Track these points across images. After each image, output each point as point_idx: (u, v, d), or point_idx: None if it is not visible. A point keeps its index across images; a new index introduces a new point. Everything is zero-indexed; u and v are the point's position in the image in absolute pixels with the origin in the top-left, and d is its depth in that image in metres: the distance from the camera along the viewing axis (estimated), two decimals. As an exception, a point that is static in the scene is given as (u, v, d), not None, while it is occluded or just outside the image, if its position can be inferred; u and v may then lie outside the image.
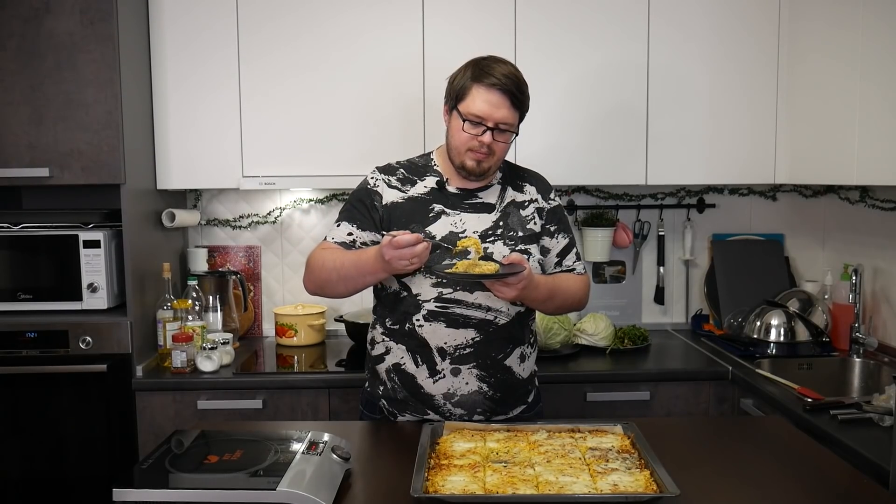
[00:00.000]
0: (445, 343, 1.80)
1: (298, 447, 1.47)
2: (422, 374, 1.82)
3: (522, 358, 1.89)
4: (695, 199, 3.06)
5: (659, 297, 3.07)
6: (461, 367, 1.81)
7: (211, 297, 2.67)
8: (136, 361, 2.43)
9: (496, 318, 1.82)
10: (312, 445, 1.48)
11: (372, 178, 1.92)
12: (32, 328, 2.40)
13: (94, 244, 2.47)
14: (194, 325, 2.50)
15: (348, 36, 2.61)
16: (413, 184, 1.89)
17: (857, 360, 2.53)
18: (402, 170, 1.92)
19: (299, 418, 2.42)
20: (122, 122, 2.38)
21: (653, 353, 2.72)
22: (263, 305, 3.03)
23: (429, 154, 1.96)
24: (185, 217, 2.76)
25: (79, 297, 2.48)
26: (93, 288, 2.48)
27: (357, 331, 2.76)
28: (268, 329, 3.02)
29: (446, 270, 1.68)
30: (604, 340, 2.72)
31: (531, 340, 1.93)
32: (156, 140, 2.63)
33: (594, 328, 2.74)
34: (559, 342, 2.65)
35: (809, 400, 2.04)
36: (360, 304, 3.01)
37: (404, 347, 1.84)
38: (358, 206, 1.89)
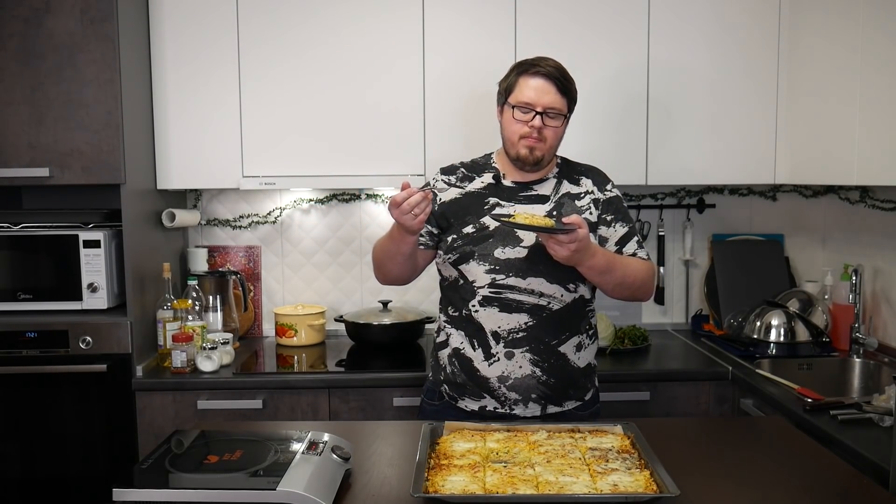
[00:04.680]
0: (499, 327, 1.87)
1: (298, 447, 1.47)
2: (478, 358, 1.89)
3: (579, 347, 1.93)
4: (695, 199, 3.06)
5: (659, 298, 3.07)
6: (514, 350, 1.86)
7: (211, 297, 2.67)
8: (136, 361, 2.43)
9: (549, 303, 1.87)
10: (312, 445, 1.48)
11: (433, 180, 2.01)
12: (32, 328, 2.40)
13: (94, 244, 2.47)
14: (194, 325, 2.50)
15: (349, 35, 2.61)
16: (471, 180, 1.97)
17: (857, 360, 2.53)
18: (462, 169, 2.01)
19: (299, 418, 2.42)
20: (122, 122, 2.38)
21: (653, 353, 2.72)
22: (263, 305, 3.03)
23: (489, 154, 2.04)
24: (185, 217, 2.76)
25: (79, 297, 2.48)
26: (93, 288, 2.48)
27: (357, 331, 2.76)
28: (268, 329, 3.02)
29: (503, 218, 1.72)
30: (604, 340, 2.72)
31: (589, 332, 1.97)
32: (156, 140, 2.63)
33: (594, 328, 2.73)
34: (559, 342, 2.65)
35: (809, 400, 2.04)
36: (361, 305, 3.01)
37: (463, 333, 1.91)
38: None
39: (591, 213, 1.94)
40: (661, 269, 3.07)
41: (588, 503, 1.34)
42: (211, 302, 2.67)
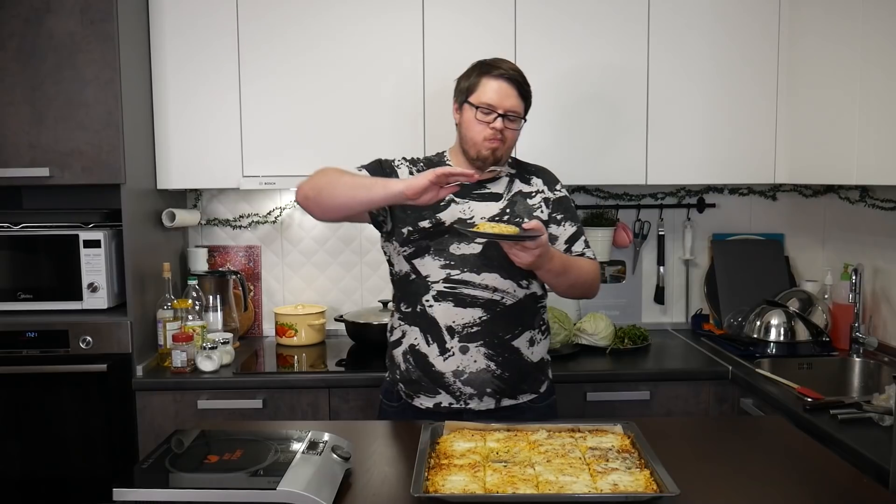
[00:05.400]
0: (454, 322, 1.88)
1: (298, 447, 1.47)
2: (433, 353, 1.90)
3: (532, 342, 1.95)
4: (695, 198, 3.06)
5: (659, 297, 3.07)
6: (469, 345, 1.88)
7: (211, 297, 2.67)
8: (136, 361, 2.43)
9: (503, 298, 1.89)
10: (312, 445, 1.48)
11: (398, 160, 2.03)
12: (32, 328, 2.40)
13: (94, 244, 2.47)
14: (194, 324, 2.50)
15: (349, 35, 2.61)
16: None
17: (857, 359, 2.53)
18: (421, 163, 2.04)
19: (299, 418, 2.42)
20: (122, 121, 2.38)
21: (653, 352, 2.72)
22: (263, 305, 3.03)
23: (442, 152, 2.07)
24: (185, 217, 2.77)
25: (79, 297, 2.48)
26: (93, 288, 2.48)
27: (357, 331, 2.76)
28: (268, 329, 3.02)
29: (469, 231, 1.74)
30: (604, 340, 2.72)
31: (542, 327, 2.00)
32: (156, 140, 2.63)
33: (594, 328, 2.74)
34: (559, 342, 2.66)
35: (809, 400, 2.04)
36: (361, 304, 3.01)
37: (417, 329, 1.92)
38: (376, 166, 1.99)
39: (542, 212, 1.98)
40: (661, 268, 3.07)
41: (588, 503, 1.34)
42: (211, 302, 2.67)
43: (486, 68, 1.92)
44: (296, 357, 2.69)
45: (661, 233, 3.05)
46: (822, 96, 2.47)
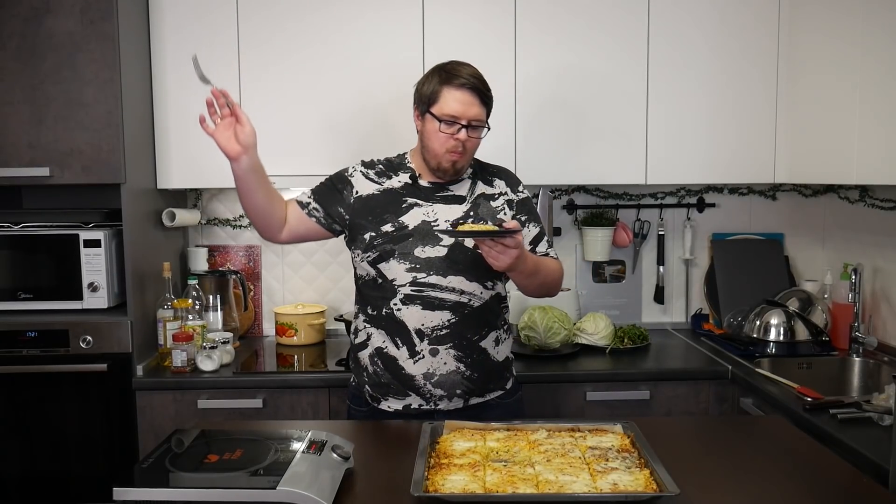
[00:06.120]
0: (423, 325, 1.89)
1: (298, 446, 1.47)
2: (402, 356, 1.90)
3: (497, 341, 1.97)
4: (695, 198, 3.07)
5: (659, 297, 3.08)
6: (439, 347, 1.89)
7: (211, 297, 2.67)
8: (136, 361, 2.44)
9: (470, 300, 1.91)
10: (312, 445, 1.48)
11: (353, 168, 2.03)
12: (33, 327, 2.40)
13: (94, 244, 2.47)
14: (194, 324, 2.50)
15: (348, 34, 2.61)
16: (388, 178, 1.99)
17: (857, 359, 2.53)
18: (380, 165, 2.03)
19: (299, 418, 2.42)
20: (122, 121, 2.38)
21: (653, 352, 2.72)
22: (264, 305, 3.03)
23: (403, 154, 2.06)
24: (185, 216, 2.77)
25: (79, 297, 2.48)
26: (93, 287, 2.48)
27: (357, 330, 2.76)
28: (268, 328, 3.02)
29: (451, 231, 1.79)
30: (604, 340, 2.72)
31: (505, 326, 2.02)
32: (156, 140, 2.63)
33: (594, 327, 2.74)
34: (559, 341, 2.66)
35: (809, 399, 2.04)
36: (361, 304, 3.01)
37: (384, 332, 1.92)
38: (327, 183, 2.02)
39: (505, 214, 1.98)
40: (661, 268, 3.07)
41: (588, 502, 1.34)
42: (211, 301, 2.67)
43: (446, 77, 1.88)
44: (296, 357, 2.69)
45: (660, 232, 3.05)
46: (822, 96, 2.47)
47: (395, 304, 1.89)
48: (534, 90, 2.64)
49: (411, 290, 1.88)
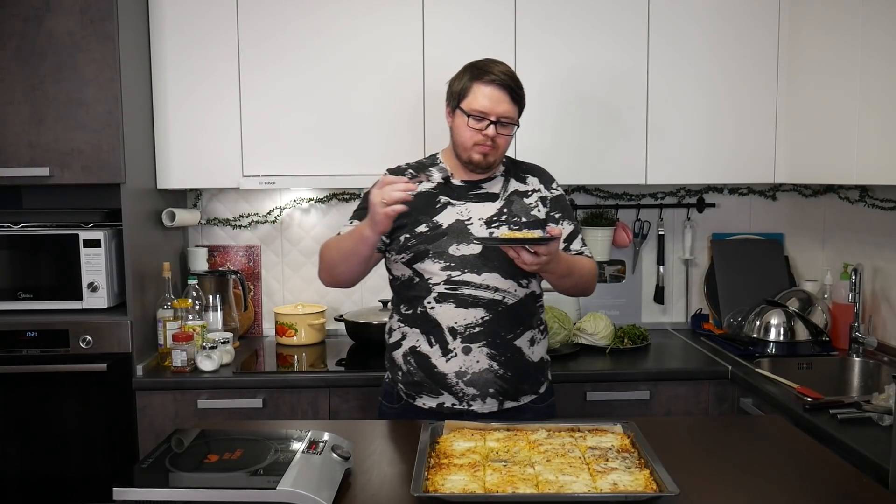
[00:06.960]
0: (456, 322, 1.88)
1: (298, 446, 1.47)
2: (435, 354, 1.90)
3: (532, 341, 1.96)
4: (695, 198, 3.07)
5: (659, 297, 3.07)
6: (472, 345, 1.88)
7: (211, 297, 2.68)
8: (136, 361, 2.44)
9: (504, 298, 1.89)
10: (312, 445, 1.48)
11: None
12: (33, 327, 2.40)
13: (94, 243, 2.47)
14: (194, 324, 2.50)
15: (348, 34, 2.61)
16: (420, 182, 1.97)
17: (857, 359, 2.53)
18: (410, 170, 2.02)
19: (299, 417, 2.42)
20: (122, 121, 2.38)
21: (652, 352, 2.72)
22: (263, 305, 3.03)
23: (435, 154, 2.06)
24: (185, 216, 2.77)
25: (79, 297, 2.48)
26: (93, 287, 2.48)
27: (357, 330, 2.76)
28: (268, 328, 3.02)
29: (488, 241, 1.81)
30: (604, 340, 2.72)
31: (541, 327, 2.01)
32: (156, 140, 2.63)
33: (594, 327, 2.74)
34: (559, 341, 2.66)
35: (809, 399, 2.04)
36: (361, 304, 3.01)
37: (418, 331, 1.92)
38: (364, 206, 1.96)
39: (538, 211, 1.98)
40: (661, 268, 3.07)
41: (588, 502, 1.34)
42: (211, 301, 2.67)
43: (477, 73, 1.89)
44: (296, 357, 2.69)
45: (660, 232, 3.05)
46: (822, 96, 2.47)
47: (429, 303, 1.89)
48: (534, 90, 2.64)
49: (445, 288, 1.88)
